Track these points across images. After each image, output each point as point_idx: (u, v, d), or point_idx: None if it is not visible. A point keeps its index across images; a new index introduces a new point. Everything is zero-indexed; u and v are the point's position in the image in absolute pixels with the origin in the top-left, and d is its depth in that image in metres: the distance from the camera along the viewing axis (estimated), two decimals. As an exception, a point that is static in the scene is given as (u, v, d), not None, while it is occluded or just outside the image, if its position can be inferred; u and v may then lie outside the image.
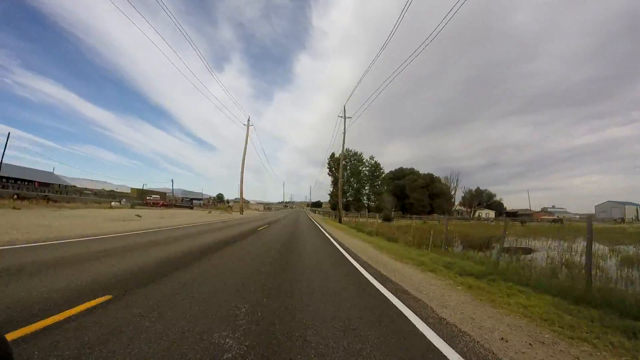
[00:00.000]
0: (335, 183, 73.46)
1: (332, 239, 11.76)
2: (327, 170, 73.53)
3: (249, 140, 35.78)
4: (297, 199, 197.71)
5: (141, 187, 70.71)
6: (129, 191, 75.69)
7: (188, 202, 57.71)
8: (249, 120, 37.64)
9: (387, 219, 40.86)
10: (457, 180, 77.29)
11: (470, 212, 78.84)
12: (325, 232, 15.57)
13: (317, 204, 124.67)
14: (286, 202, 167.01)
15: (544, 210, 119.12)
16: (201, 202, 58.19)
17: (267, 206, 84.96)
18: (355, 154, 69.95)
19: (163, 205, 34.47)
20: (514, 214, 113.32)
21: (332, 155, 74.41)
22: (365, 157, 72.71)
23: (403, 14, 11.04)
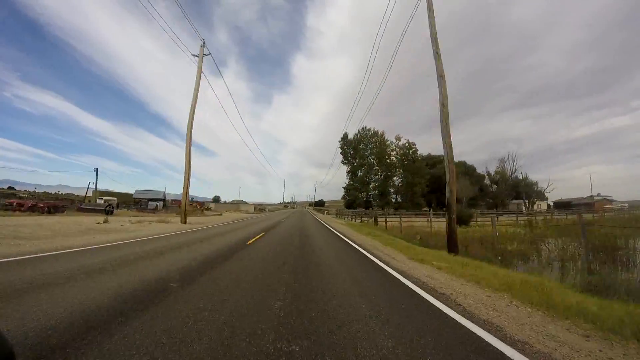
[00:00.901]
0: (353, 173, 56.19)
1: None
2: (341, 156, 56.52)
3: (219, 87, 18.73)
4: (298, 199, 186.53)
5: (108, 190, 55.14)
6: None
7: (145, 203, 40.89)
8: (202, 45, 20.54)
9: (461, 219, 23.72)
10: (515, 164, 58.90)
11: (530, 204, 61.16)
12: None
13: (319, 203, 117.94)
14: (287, 202, 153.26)
15: (605, 199, 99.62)
16: (158, 203, 41.23)
17: (260, 207, 67.59)
18: (376, 133, 52.93)
19: (33, 207, 17.58)
20: (567, 205, 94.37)
21: (345, 136, 57.10)
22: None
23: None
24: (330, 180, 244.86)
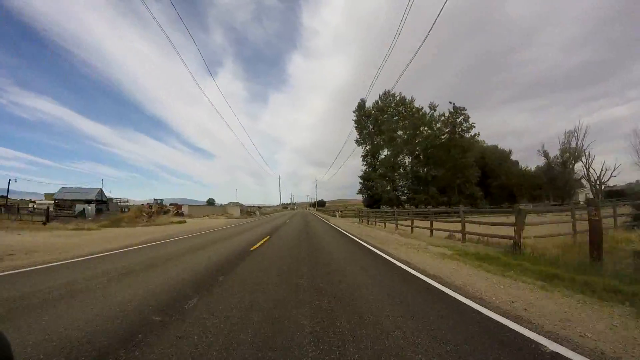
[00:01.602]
0: (373, 156, 41.88)
1: None
2: (356, 132, 42.10)
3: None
4: (298, 200, 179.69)
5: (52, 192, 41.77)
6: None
7: (75, 207, 27.50)
8: None
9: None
10: (583, 140, 43.38)
11: (597, 194, 46.85)
12: None
13: (320, 204, 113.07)
14: (286, 204, 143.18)
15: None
16: (89, 206, 27.55)
17: (250, 210, 52.94)
18: (403, 100, 38.76)
19: None
20: (619, 193, 79.55)
21: (361, 105, 42.38)
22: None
23: None
24: (330, 179, 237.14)
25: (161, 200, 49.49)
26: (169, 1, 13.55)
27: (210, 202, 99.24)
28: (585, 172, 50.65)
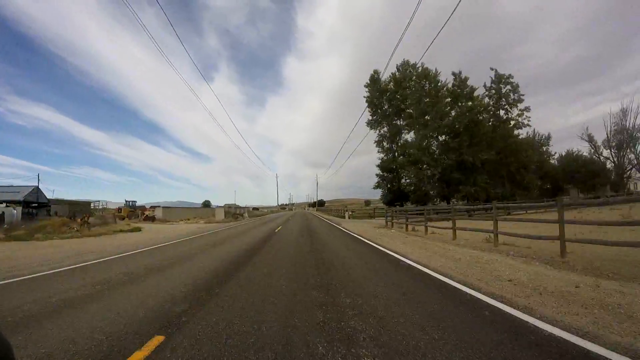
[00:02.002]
0: (391, 140, 33.81)
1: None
2: (368, 113, 33.84)
3: None
4: (297, 200, 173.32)
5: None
6: None
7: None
8: None
9: None
10: (634, 119, 34.33)
11: None
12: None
13: (320, 204, 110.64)
14: (284, 204, 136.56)
15: None
16: (12, 211, 19.45)
17: (238, 211, 44.60)
18: (426, 72, 30.75)
19: None
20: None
21: (374, 79, 33.86)
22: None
23: None
24: (328, 180, 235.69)
25: (134, 202, 41.46)
26: (165, 4, 7.74)
27: (206, 205, 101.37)
28: (635, 159, 43.00)
